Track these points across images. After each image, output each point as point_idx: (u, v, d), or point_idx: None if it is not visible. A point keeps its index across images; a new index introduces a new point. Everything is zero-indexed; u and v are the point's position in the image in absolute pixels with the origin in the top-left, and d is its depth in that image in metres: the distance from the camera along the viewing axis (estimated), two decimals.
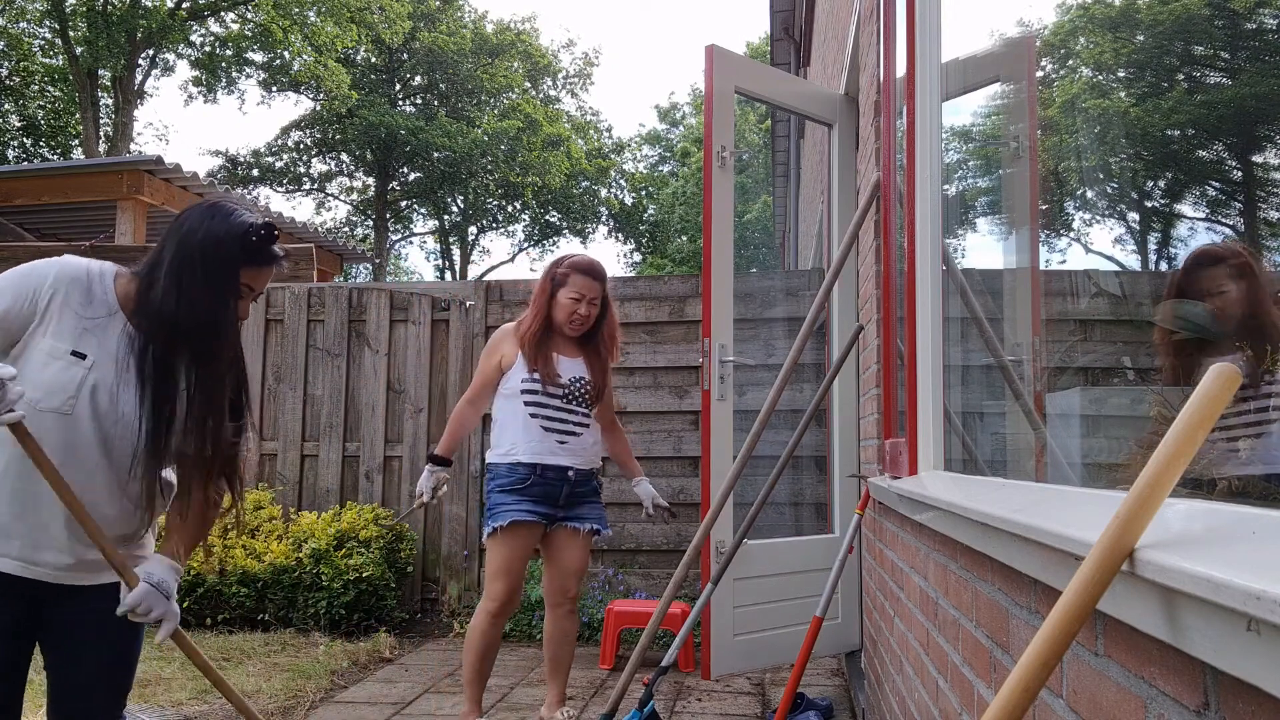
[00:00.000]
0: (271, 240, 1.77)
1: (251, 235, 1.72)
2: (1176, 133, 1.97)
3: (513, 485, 3.14)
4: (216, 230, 1.71)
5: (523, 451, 3.15)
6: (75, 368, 1.65)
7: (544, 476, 3.15)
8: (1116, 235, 2.29)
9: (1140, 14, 2.12)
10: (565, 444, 3.19)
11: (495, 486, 3.18)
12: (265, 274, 1.80)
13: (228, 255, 1.70)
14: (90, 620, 1.75)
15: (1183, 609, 0.66)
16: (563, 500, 3.19)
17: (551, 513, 3.18)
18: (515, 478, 3.14)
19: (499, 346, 3.27)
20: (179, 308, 1.67)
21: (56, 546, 1.69)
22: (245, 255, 1.72)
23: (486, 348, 3.34)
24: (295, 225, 10.09)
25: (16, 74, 20.74)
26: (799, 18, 9.07)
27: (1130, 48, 2.13)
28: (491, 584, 3.13)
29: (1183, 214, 2.10)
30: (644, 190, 30.78)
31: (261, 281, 1.80)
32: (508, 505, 3.12)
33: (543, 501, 3.15)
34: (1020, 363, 2.29)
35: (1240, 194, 1.85)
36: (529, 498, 3.13)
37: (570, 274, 3.22)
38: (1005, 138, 2.61)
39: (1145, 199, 2.18)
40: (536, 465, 3.14)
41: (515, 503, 3.12)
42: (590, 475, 3.28)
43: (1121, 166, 2.18)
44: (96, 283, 1.72)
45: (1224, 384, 0.72)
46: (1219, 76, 1.84)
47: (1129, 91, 2.17)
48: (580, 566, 3.25)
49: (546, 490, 3.16)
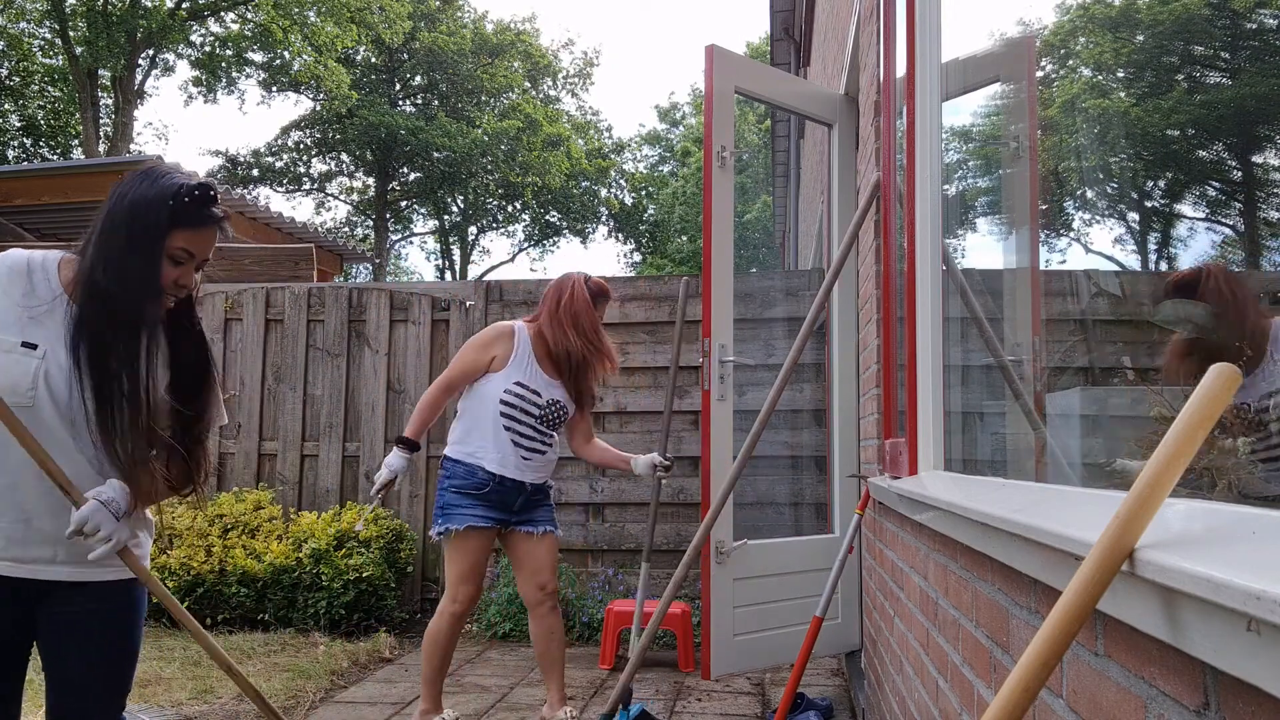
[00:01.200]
0: (208, 201, 1.68)
1: (183, 195, 1.65)
2: (1176, 133, 1.97)
3: (470, 488, 3.15)
4: (145, 192, 1.65)
5: (489, 460, 3.15)
6: (28, 359, 1.62)
7: (503, 485, 3.17)
8: (1116, 235, 2.29)
9: (1140, 14, 2.12)
10: (529, 460, 3.21)
11: (451, 486, 3.17)
12: (204, 237, 1.70)
13: (155, 218, 1.63)
14: (85, 618, 1.73)
15: (1183, 609, 0.66)
16: (517, 507, 3.22)
17: (505, 518, 3.21)
18: (474, 481, 3.15)
19: (492, 343, 3.23)
20: (107, 275, 1.62)
21: (43, 540, 1.67)
22: (174, 216, 1.64)
23: (478, 340, 3.27)
24: (295, 225, 10.09)
25: (16, 74, 20.74)
26: (799, 18, 9.07)
27: (1130, 48, 2.13)
28: (458, 587, 3.15)
29: (1183, 214, 2.10)
30: (644, 190, 30.78)
31: (201, 245, 1.71)
32: (463, 509, 3.14)
33: (497, 508, 3.18)
34: (1020, 363, 2.29)
35: (1240, 194, 1.85)
36: (485, 503, 3.16)
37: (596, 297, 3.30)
38: (1005, 138, 2.61)
39: (1145, 199, 2.18)
40: (496, 475, 3.15)
41: (470, 506, 3.14)
42: (543, 486, 3.31)
43: (1121, 166, 2.18)
44: (39, 271, 1.69)
45: (1224, 384, 0.72)
46: (1219, 76, 1.84)
47: (1129, 91, 2.17)
48: (550, 561, 3.25)
49: (503, 497, 3.18)
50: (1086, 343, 2.38)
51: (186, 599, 4.78)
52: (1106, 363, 2.32)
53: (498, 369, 3.20)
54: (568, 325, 3.22)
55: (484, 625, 5.07)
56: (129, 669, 1.82)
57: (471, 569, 3.15)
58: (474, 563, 3.15)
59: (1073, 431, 2.20)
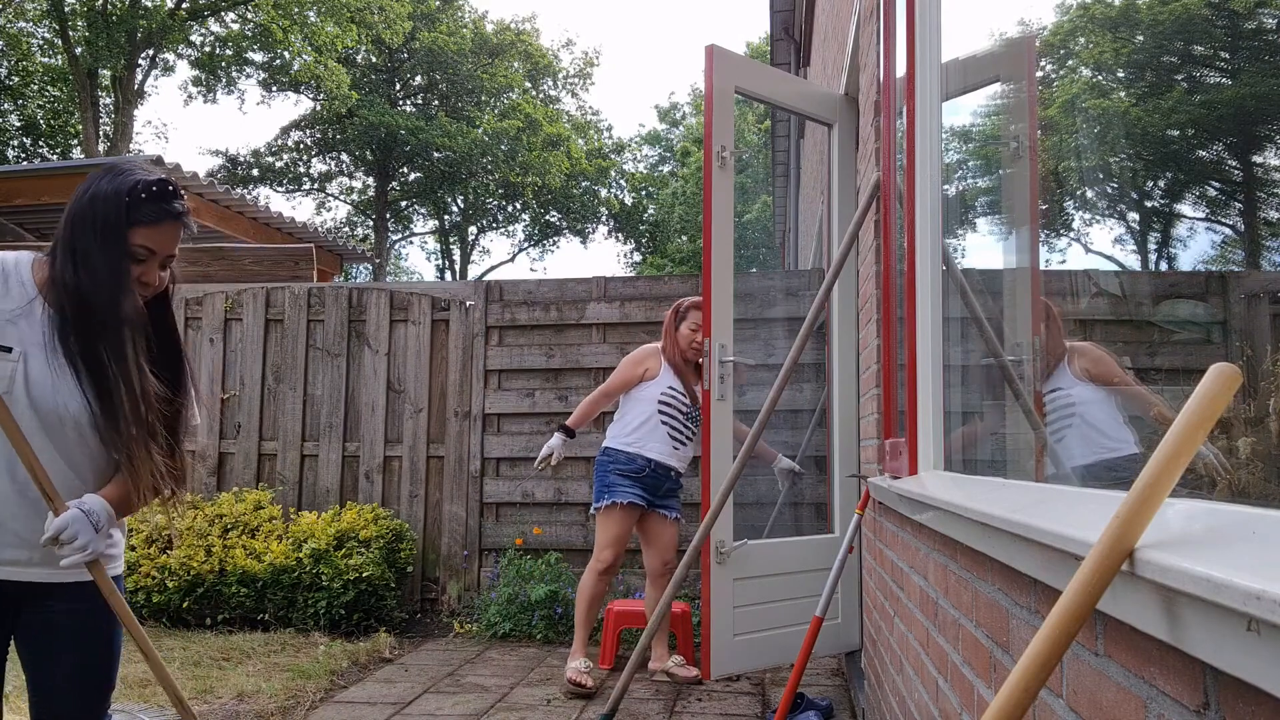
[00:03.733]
0: (166, 197, 1.66)
1: (141, 191, 1.63)
2: (1176, 133, 1.97)
3: (630, 471, 3.96)
4: (104, 189, 1.64)
5: (649, 448, 3.97)
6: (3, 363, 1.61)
7: (655, 471, 3.98)
8: (1116, 235, 2.29)
9: (1140, 14, 2.12)
10: (678, 450, 4.04)
11: (614, 469, 3.98)
12: (164, 233, 1.68)
13: (114, 214, 1.62)
14: (65, 620, 1.71)
15: (1183, 609, 0.66)
16: (661, 492, 4.01)
17: (650, 499, 4.00)
18: (634, 466, 3.96)
19: (644, 359, 4.11)
20: (79, 275, 1.62)
21: (17, 543, 1.66)
22: (131, 213, 1.63)
23: (632, 358, 4.15)
24: (295, 225, 10.10)
25: (16, 74, 20.73)
26: (799, 18, 9.07)
27: (1130, 48, 2.13)
28: (603, 550, 3.96)
29: (1183, 214, 2.10)
30: (644, 190, 30.77)
31: (162, 242, 1.68)
32: (623, 487, 3.94)
33: (648, 490, 3.99)
34: (1020, 363, 2.28)
35: (1240, 194, 1.85)
36: (641, 485, 3.97)
37: (689, 311, 4.04)
38: (1005, 138, 2.61)
39: (1145, 199, 2.18)
40: (654, 461, 3.97)
41: (630, 486, 3.95)
42: (680, 475, 4.11)
43: (1121, 166, 2.17)
44: (12, 273, 1.67)
45: (1224, 383, 0.72)
46: (1219, 76, 1.84)
47: (1129, 91, 2.17)
48: (674, 542, 4.06)
49: (655, 482, 3.99)
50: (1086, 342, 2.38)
51: (186, 599, 4.79)
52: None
53: (653, 377, 4.04)
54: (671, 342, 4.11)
55: (484, 625, 5.07)
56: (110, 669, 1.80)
57: (618, 537, 3.96)
58: (621, 532, 3.96)
59: None
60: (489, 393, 5.46)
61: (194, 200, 8.80)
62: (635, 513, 3.96)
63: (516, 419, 5.44)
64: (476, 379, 5.46)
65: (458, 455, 5.44)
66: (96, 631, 1.74)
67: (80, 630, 1.72)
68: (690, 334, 4.00)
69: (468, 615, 5.27)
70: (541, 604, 4.93)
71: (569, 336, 5.44)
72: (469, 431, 5.43)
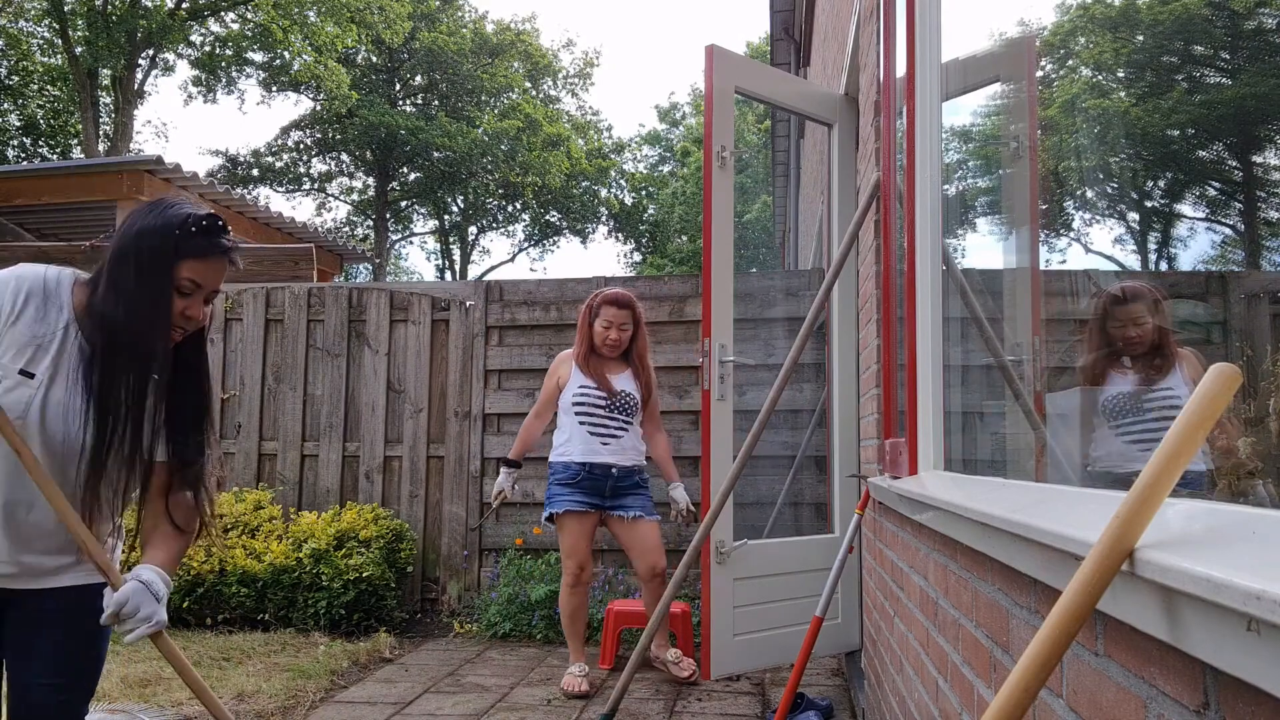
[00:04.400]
0: (215, 231, 1.65)
1: (191, 225, 1.62)
2: (1176, 133, 1.97)
3: (566, 480, 3.88)
4: (152, 223, 1.63)
5: (574, 451, 3.88)
6: (24, 388, 1.58)
7: (591, 472, 3.87)
8: (1116, 235, 2.29)
9: (1140, 14, 2.12)
10: (608, 445, 3.90)
11: (553, 480, 3.93)
12: (213, 268, 1.67)
13: (163, 247, 1.60)
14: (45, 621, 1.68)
15: (1183, 609, 0.66)
16: (608, 492, 3.89)
17: (599, 503, 3.89)
18: (568, 474, 3.88)
19: (556, 369, 4.07)
20: (118, 309, 1.59)
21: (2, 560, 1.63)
22: (182, 246, 1.61)
23: (549, 372, 4.11)
24: (295, 225, 10.10)
25: (16, 73, 20.73)
26: (799, 18, 9.07)
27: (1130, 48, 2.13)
28: (565, 562, 3.93)
29: (1183, 214, 2.10)
30: (644, 190, 30.77)
31: (209, 277, 1.67)
32: (561, 496, 3.87)
33: (591, 493, 3.87)
34: (1020, 363, 2.28)
35: (1240, 194, 1.85)
36: (580, 490, 3.86)
37: (601, 306, 3.98)
38: (1005, 138, 2.61)
39: (1145, 199, 2.18)
40: (585, 463, 3.86)
41: (568, 494, 3.86)
42: (631, 471, 3.94)
43: (1121, 166, 2.18)
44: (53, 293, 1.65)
45: (1224, 384, 0.72)
46: (1219, 76, 1.84)
47: (1129, 91, 2.17)
48: (653, 543, 3.88)
49: (594, 484, 3.88)
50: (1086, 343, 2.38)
51: (186, 599, 4.79)
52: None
53: (564, 383, 4.00)
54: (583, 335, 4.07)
55: (484, 625, 5.07)
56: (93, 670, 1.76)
57: (571, 547, 3.88)
58: (572, 541, 3.87)
59: (1073, 431, 2.20)
60: (489, 393, 5.46)
61: (195, 200, 8.79)
62: (584, 520, 3.88)
63: (516, 419, 5.44)
64: (476, 379, 5.46)
65: (458, 455, 5.44)
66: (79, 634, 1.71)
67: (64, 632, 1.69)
68: (603, 331, 3.95)
69: (468, 615, 5.27)
70: (542, 604, 4.93)
71: (569, 336, 5.43)
72: (469, 431, 5.44)
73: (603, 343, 3.96)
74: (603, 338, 3.95)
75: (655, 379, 4.12)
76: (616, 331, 3.95)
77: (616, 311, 3.96)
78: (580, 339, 4.02)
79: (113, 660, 4.07)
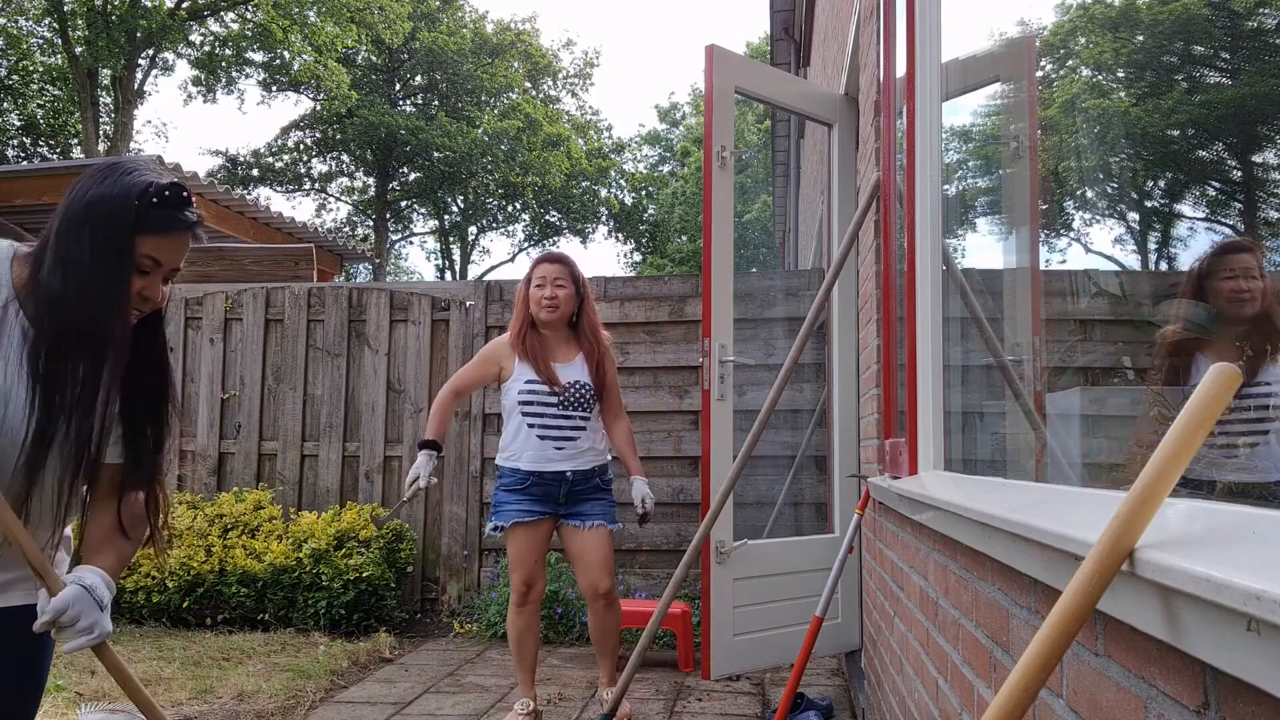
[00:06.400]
0: (180, 204, 1.46)
1: (152, 195, 1.42)
2: (1176, 133, 1.97)
3: (513, 486, 3.36)
4: (108, 190, 1.42)
5: (522, 459, 3.35)
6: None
7: (542, 478, 3.35)
8: (1116, 235, 2.29)
9: (1140, 14, 2.12)
10: (562, 449, 3.36)
11: (500, 486, 3.41)
12: (174, 244, 1.47)
13: (121, 219, 1.41)
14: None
15: (1183, 609, 0.66)
16: (562, 499, 3.37)
17: (553, 510, 3.37)
18: (515, 479, 3.36)
19: (498, 359, 3.45)
20: (68, 287, 1.39)
21: None
22: (143, 219, 1.42)
23: (484, 352, 3.50)
24: (295, 225, 10.10)
25: (16, 73, 20.73)
26: (799, 18, 9.07)
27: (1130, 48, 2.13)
28: (511, 575, 3.39)
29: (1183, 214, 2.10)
30: (644, 190, 30.77)
31: (170, 254, 1.48)
32: (509, 505, 3.35)
33: (542, 500, 3.35)
34: (1020, 363, 2.29)
35: (1240, 194, 1.85)
36: (529, 498, 3.35)
37: (533, 267, 3.43)
38: (1005, 138, 2.61)
39: (1145, 199, 2.18)
40: (532, 472, 3.34)
41: (516, 503, 3.34)
42: (589, 474, 3.40)
43: (1121, 166, 2.18)
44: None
45: (1224, 384, 0.72)
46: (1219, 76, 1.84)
47: (1129, 91, 2.17)
48: (598, 559, 3.35)
49: (545, 490, 3.35)
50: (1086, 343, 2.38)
51: (186, 599, 4.79)
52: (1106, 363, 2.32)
53: (508, 377, 3.42)
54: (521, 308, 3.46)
55: (484, 625, 5.07)
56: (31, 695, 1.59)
57: (516, 560, 3.35)
58: (518, 555, 3.35)
59: (1072, 431, 2.20)
60: (489, 393, 5.46)
61: (195, 200, 8.79)
62: (534, 529, 3.33)
63: None
64: None
65: (458, 455, 5.44)
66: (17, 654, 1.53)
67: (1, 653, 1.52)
68: (537, 291, 3.37)
69: (468, 615, 5.27)
70: (541, 604, 4.92)
71: None
72: (469, 431, 5.44)
73: (539, 305, 3.35)
74: (537, 299, 3.35)
75: (611, 357, 3.51)
76: (551, 288, 3.34)
77: (549, 267, 3.38)
78: (517, 314, 3.44)
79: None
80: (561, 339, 3.44)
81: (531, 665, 3.43)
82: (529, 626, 3.40)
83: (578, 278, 3.42)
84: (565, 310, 3.39)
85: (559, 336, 3.44)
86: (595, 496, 3.40)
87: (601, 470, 3.44)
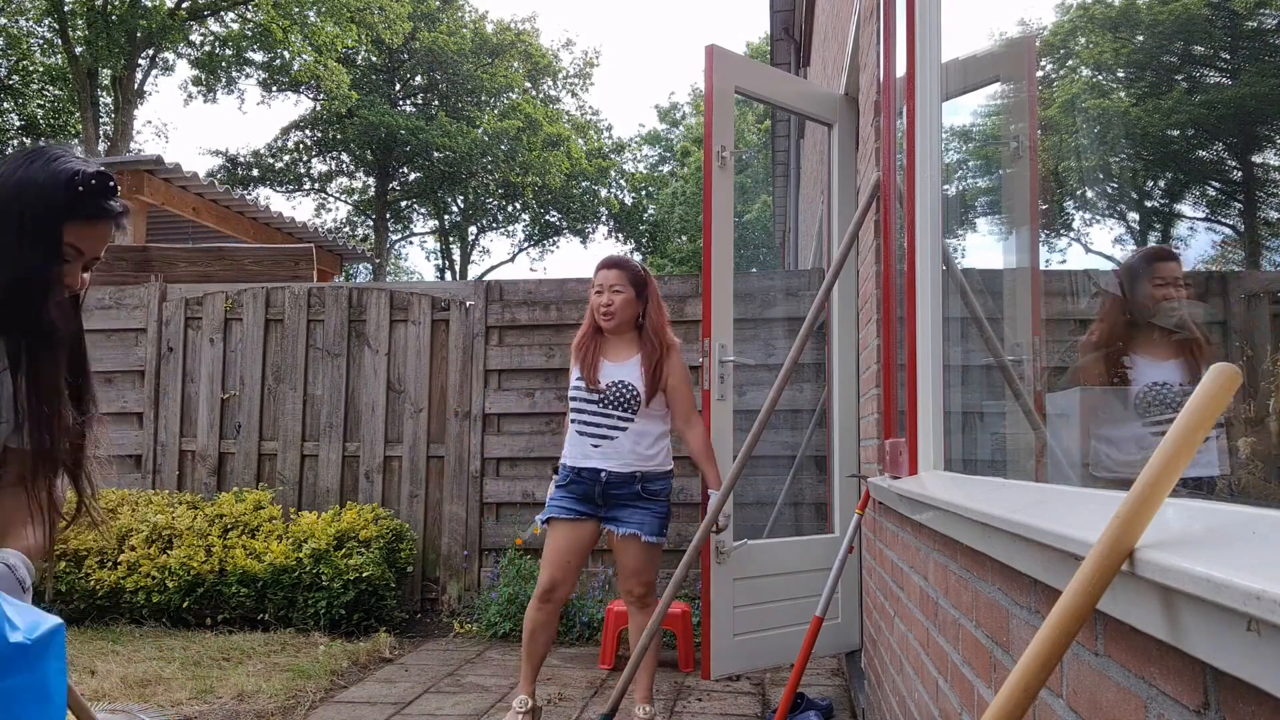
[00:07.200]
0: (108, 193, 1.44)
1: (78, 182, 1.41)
2: (1176, 133, 1.97)
3: (561, 482, 3.41)
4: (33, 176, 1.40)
5: (569, 455, 3.41)
6: None
7: (580, 477, 3.36)
8: (1116, 235, 2.29)
9: (1140, 14, 2.12)
10: (599, 447, 3.35)
11: (554, 483, 3.47)
12: (98, 232, 1.45)
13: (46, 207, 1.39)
14: None
15: (1183, 609, 0.66)
16: (599, 499, 3.34)
17: (592, 511, 3.36)
18: (563, 475, 3.41)
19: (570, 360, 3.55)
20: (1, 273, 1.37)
21: None
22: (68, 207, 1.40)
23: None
24: (295, 225, 10.10)
25: (16, 73, 20.73)
26: (799, 18, 9.07)
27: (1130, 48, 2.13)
28: (541, 573, 3.37)
29: (1183, 214, 2.10)
30: (644, 190, 30.78)
31: (93, 243, 1.45)
32: (553, 501, 3.40)
33: (582, 500, 3.36)
34: (1020, 363, 2.29)
35: (1240, 194, 1.85)
36: (571, 496, 3.37)
37: (595, 271, 3.44)
38: (1005, 138, 2.61)
39: (1145, 199, 2.18)
40: (573, 468, 3.37)
41: (560, 499, 3.38)
42: (629, 478, 3.32)
43: (1121, 166, 2.18)
44: None
45: (1224, 384, 0.72)
46: (1219, 76, 1.84)
47: (1129, 91, 2.17)
48: (632, 567, 3.34)
49: (584, 490, 3.36)
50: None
51: (186, 599, 4.79)
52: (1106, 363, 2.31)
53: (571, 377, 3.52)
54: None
55: (484, 625, 5.07)
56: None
57: (547, 556, 3.35)
58: (550, 550, 3.35)
59: (1073, 432, 2.20)
60: (489, 393, 5.46)
61: (195, 200, 8.80)
62: (573, 528, 3.33)
63: (516, 419, 5.44)
64: (476, 379, 5.46)
65: (458, 455, 5.44)
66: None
67: None
68: (595, 298, 3.39)
69: (468, 615, 5.27)
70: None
71: (569, 336, 5.42)
72: (469, 431, 5.44)
73: (596, 312, 3.39)
74: (595, 306, 3.39)
75: (677, 360, 3.42)
76: (608, 294, 3.35)
77: (605, 273, 3.39)
78: (585, 316, 3.51)
79: (112, 660, 4.07)
80: (624, 340, 3.44)
81: (538, 662, 3.42)
82: (544, 624, 3.37)
83: (637, 280, 3.40)
84: (623, 316, 3.37)
85: (623, 339, 3.44)
86: (634, 504, 3.33)
87: (646, 478, 3.33)
